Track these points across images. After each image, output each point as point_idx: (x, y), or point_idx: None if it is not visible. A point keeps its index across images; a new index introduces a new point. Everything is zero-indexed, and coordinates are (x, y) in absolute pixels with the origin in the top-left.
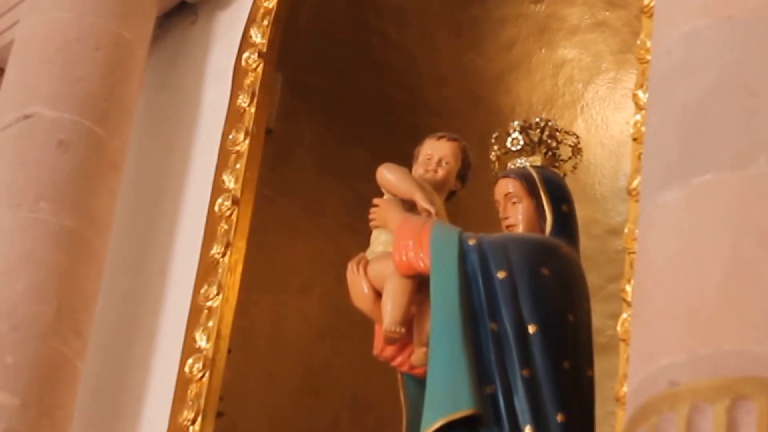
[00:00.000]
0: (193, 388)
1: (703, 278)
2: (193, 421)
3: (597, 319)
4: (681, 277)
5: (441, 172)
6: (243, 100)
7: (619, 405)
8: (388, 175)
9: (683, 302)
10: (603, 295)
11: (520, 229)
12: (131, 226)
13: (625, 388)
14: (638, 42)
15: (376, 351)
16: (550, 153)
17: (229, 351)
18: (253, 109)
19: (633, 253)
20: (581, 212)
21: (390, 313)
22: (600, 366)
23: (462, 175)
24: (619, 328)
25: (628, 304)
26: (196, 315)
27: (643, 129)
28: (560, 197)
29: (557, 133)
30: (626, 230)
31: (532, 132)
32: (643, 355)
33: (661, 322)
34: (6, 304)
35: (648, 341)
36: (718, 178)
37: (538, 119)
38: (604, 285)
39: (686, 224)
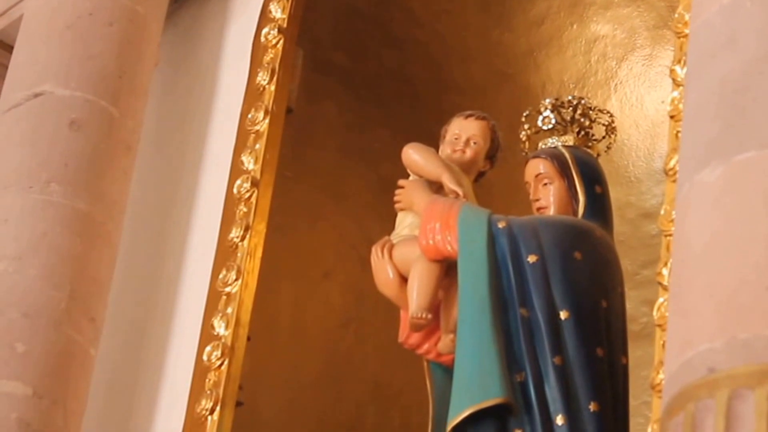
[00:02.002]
0: (211, 377)
1: (744, 260)
2: (212, 411)
3: (631, 306)
4: (720, 260)
5: (469, 152)
6: (262, 78)
7: (654, 393)
8: (414, 155)
9: (722, 285)
10: (637, 281)
11: (551, 211)
12: (146, 209)
13: (661, 376)
14: (676, 15)
15: (401, 338)
16: (582, 132)
17: (249, 338)
18: (272, 88)
19: (670, 235)
20: (614, 195)
21: (416, 298)
22: (634, 355)
23: (491, 156)
24: (655, 313)
25: (665, 288)
26: (214, 301)
27: (681, 106)
28: (593, 178)
29: (590, 112)
30: (662, 212)
31: (564, 110)
32: (681, 340)
33: (700, 307)
34: (17, 290)
35: (685, 326)
36: (760, 155)
37: (570, 97)
38: (638, 270)
39: (726, 204)
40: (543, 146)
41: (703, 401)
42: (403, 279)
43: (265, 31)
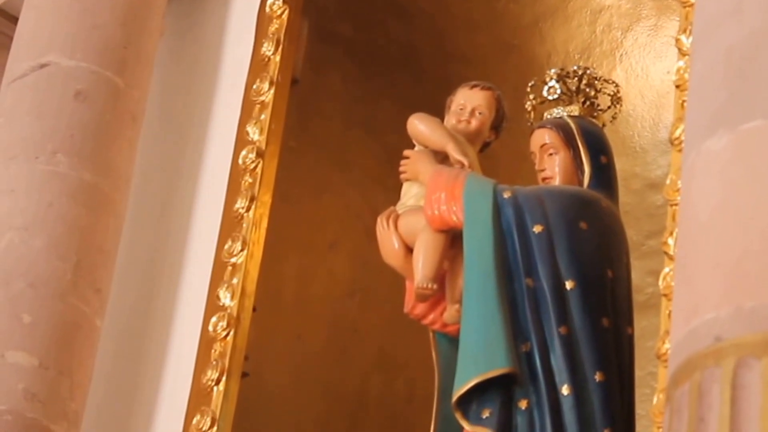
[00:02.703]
0: (217, 348)
1: (750, 229)
2: (218, 381)
3: (636, 276)
4: (727, 228)
5: (474, 123)
6: (267, 49)
7: (660, 362)
8: (419, 125)
9: (729, 254)
10: (642, 252)
11: (556, 181)
12: (152, 179)
13: (667, 345)
14: None
15: (406, 309)
16: (588, 102)
17: (255, 309)
18: (278, 58)
19: (675, 204)
20: (620, 165)
21: (422, 269)
22: (639, 325)
23: (496, 126)
24: (661, 283)
25: (671, 258)
26: (219, 272)
27: (686, 75)
28: (599, 148)
29: (596, 82)
30: (668, 181)
31: (569, 80)
32: (687, 309)
33: (706, 276)
34: (23, 261)
35: (692, 295)
36: (766, 124)
37: (576, 67)
38: (643, 241)
39: (733, 172)
40: (548, 116)
41: (710, 370)
42: (409, 249)
43: (270, 1)
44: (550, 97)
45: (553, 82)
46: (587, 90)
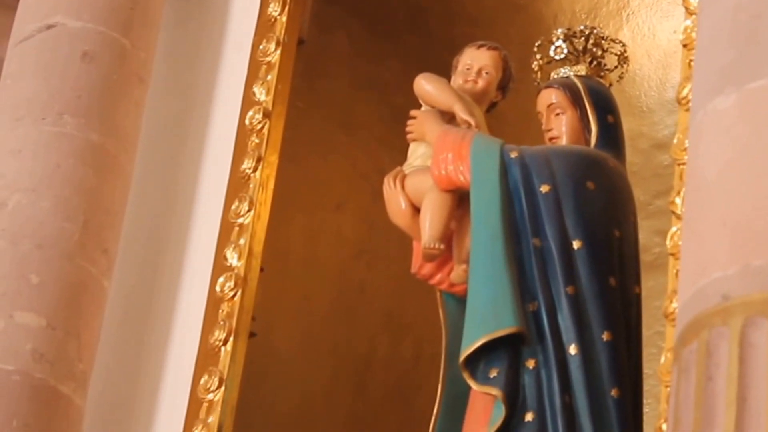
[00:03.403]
0: (224, 308)
1: (757, 187)
2: (225, 342)
3: (643, 236)
4: (734, 187)
5: (481, 83)
6: (274, 9)
7: (668, 322)
8: (426, 85)
9: (736, 212)
10: (649, 212)
11: (563, 141)
12: (158, 140)
13: (674, 304)
14: None
15: (414, 269)
16: (595, 62)
17: (262, 269)
18: (284, 18)
19: (682, 164)
20: (627, 125)
21: (429, 229)
22: (646, 285)
23: (503, 86)
24: (668, 242)
25: (678, 217)
26: (226, 232)
27: (693, 35)
28: (606, 108)
29: (603, 41)
30: (675, 141)
31: (576, 40)
32: (694, 268)
33: (713, 234)
34: (31, 222)
35: (699, 254)
36: None
37: (582, 27)
38: (650, 201)
39: (740, 131)
40: (555, 76)
41: (717, 329)
42: (416, 209)
43: None
44: (556, 57)
45: (559, 42)
46: (594, 50)
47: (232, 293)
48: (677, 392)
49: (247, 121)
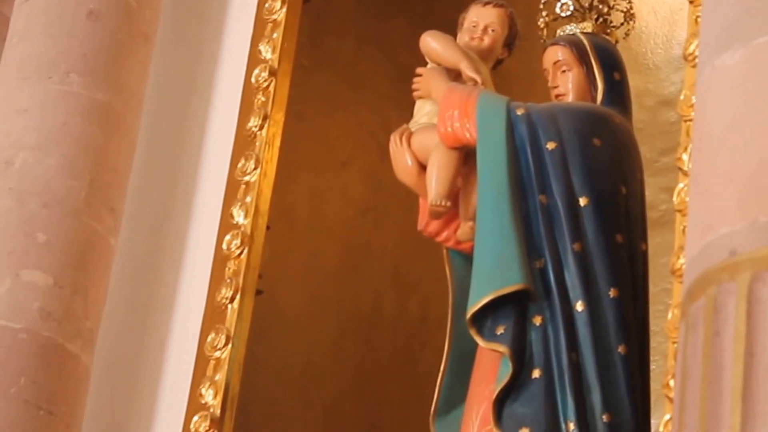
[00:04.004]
0: (231, 266)
1: (765, 142)
2: (232, 300)
3: (650, 194)
4: (741, 142)
5: (487, 40)
6: None
7: (675, 278)
8: (432, 42)
9: (743, 168)
10: (655, 169)
11: (570, 98)
12: (164, 99)
13: (681, 261)
14: None
15: (420, 226)
16: (601, 19)
17: (268, 227)
18: None
19: (689, 120)
20: (633, 82)
21: (435, 186)
22: (653, 242)
23: (509, 43)
24: (675, 198)
25: (685, 173)
26: (233, 190)
27: None
28: (612, 65)
29: None
30: (682, 97)
31: None
32: (702, 224)
33: (721, 190)
34: (38, 180)
35: (706, 210)
36: None
37: None
38: (656, 158)
39: (747, 87)
40: (561, 33)
41: (725, 284)
42: (422, 167)
43: None
44: (563, 14)
45: None
46: (600, 7)
47: (238, 251)
48: (685, 348)
49: (253, 80)
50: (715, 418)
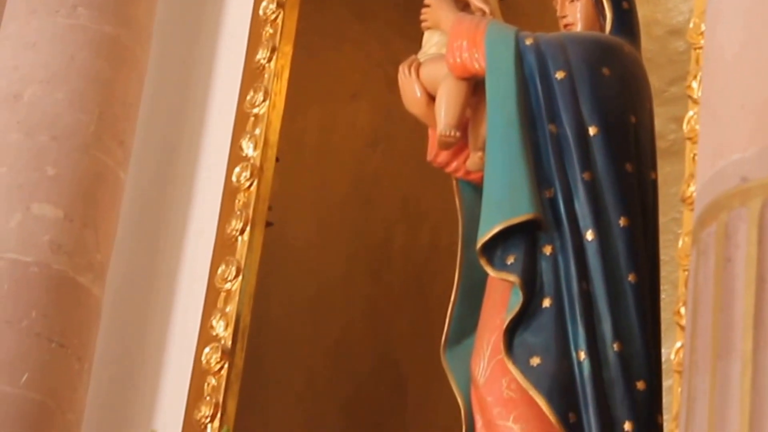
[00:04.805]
0: (240, 198)
1: None
2: (242, 231)
3: (659, 123)
4: (752, 69)
5: None
6: None
7: (685, 206)
8: None
9: (755, 94)
10: (664, 98)
11: (578, 27)
12: (172, 31)
13: (692, 188)
14: None
15: (429, 157)
16: None
17: (277, 159)
18: None
19: (699, 48)
20: (641, 12)
21: (444, 116)
22: (662, 172)
23: None
24: (685, 126)
25: (695, 101)
26: (242, 122)
27: None
28: None
29: None
30: (692, 24)
31: None
32: (712, 151)
33: (732, 117)
34: (47, 114)
35: (717, 137)
36: None
37: None
38: (665, 88)
39: (758, 12)
40: None
41: (736, 210)
42: (431, 97)
43: None
44: None
45: None
46: None
47: (248, 183)
48: (696, 274)
49: (261, 12)
50: (727, 343)
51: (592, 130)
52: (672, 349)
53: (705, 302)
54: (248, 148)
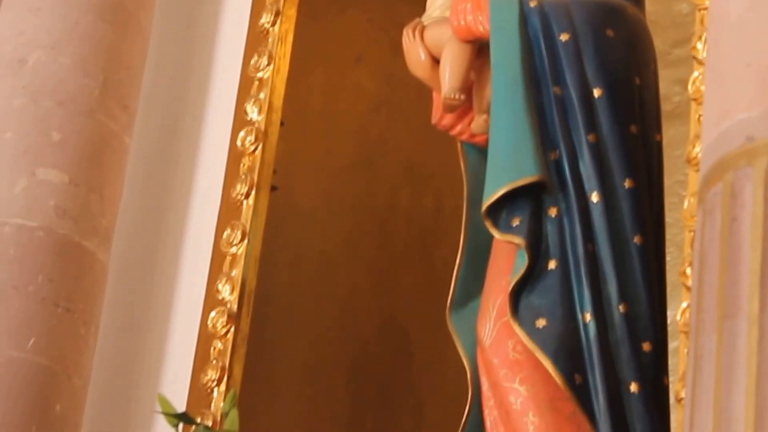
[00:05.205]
0: (245, 162)
1: None
2: (247, 195)
3: (663, 86)
4: (757, 29)
5: None
6: None
7: (690, 167)
8: None
9: (760, 54)
10: (669, 61)
11: None
12: None
13: (697, 149)
14: None
15: (434, 120)
16: None
17: (282, 123)
18: None
19: (704, 9)
20: None
21: (449, 79)
22: (667, 134)
23: None
24: (690, 87)
25: (700, 62)
26: (246, 86)
27: None
28: None
29: None
30: None
31: None
32: (718, 111)
33: (737, 76)
34: (51, 79)
35: (723, 97)
36: None
37: None
38: (669, 50)
39: None
40: None
41: (742, 170)
42: (435, 60)
43: None
44: None
45: None
46: None
47: (252, 147)
48: (702, 234)
49: None
50: (734, 302)
51: (596, 92)
52: (678, 311)
53: (711, 262)
54: (253, 113)
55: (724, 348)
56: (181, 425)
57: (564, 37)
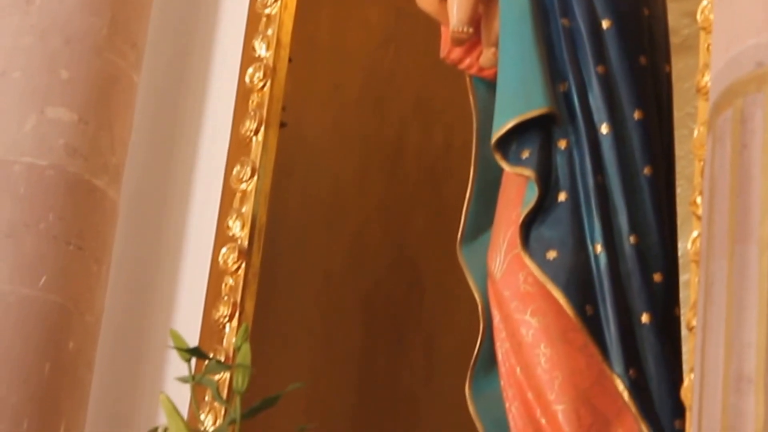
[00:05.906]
0: (254, 98)
1: None
2: (256, 132)
3: (672, 18)
4: None
5: None
6: None
7: (700, 96)
8: None
9: None
10: None
11: None
12: None
13: (706, 78)
14: None
15: (442, 54)
16: None
17: (290, 59)
18: None
19: None
20: None
21: (456, 12)
22: (676, 67)
23: None
24: (699, 16)
25: None
26: (254, 23)
27: None
28: None
29: None
30: None
31: None
32: (727, 37)
33: (746, 2)
34: (59, 17)
35: (732, 22)
36: None
37: None
38: None
39: None
40: None
41: (752, 96)
42: None
43: None
44: None
45: None
46: None
47: (261, 84)
48: (712, 161)
49: None
50: (744, 229)
51: (605, 24)
52: (689, 240)
53: (721, 189)
54: (261, 49)
55: (735, 273)
56: (193, 360)
57: None
